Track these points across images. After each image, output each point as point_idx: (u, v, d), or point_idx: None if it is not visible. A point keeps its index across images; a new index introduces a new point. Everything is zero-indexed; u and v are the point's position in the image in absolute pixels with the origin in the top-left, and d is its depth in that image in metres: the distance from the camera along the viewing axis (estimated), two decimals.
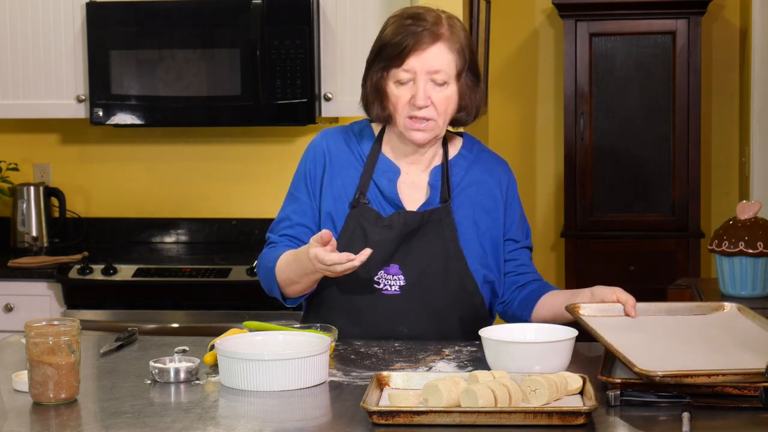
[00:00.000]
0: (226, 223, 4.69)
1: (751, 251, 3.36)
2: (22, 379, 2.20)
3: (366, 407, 1.95)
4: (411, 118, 2.56)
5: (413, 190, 2.66)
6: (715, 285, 3.53)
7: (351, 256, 2.41)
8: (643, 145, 5.19)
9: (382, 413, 1.94)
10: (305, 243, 2.59)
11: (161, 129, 4.66)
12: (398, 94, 2.56)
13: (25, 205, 4.63)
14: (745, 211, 3.42)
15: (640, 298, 2.48)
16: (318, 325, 2.51)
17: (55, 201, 4.69)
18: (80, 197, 4.76)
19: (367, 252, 2.42)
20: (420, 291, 2.60)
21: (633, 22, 5.15)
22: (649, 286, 5.00)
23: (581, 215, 5.21)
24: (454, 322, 2.61)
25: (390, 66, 2.56)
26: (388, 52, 2.56)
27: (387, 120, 2.63)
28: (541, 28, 5.56)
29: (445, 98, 2.56)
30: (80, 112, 4.37)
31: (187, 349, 2.37)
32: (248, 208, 4.66)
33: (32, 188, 4.64)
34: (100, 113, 4.30)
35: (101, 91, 4.29)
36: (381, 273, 2.60)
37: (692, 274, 5.02)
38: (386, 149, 2.69)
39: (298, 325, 2.53)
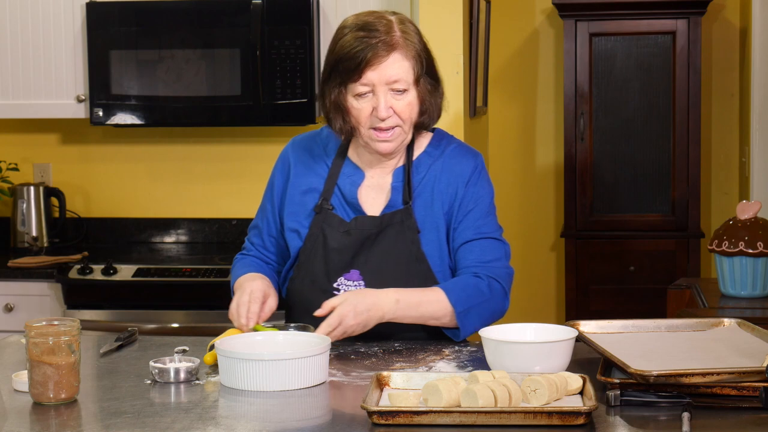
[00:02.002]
0: (226, 223, 4.69)
1: (751, 251, 3.36)
2: (22, 379, 2.20)
3: (366, 407, 1.95)
4: (375, 129, 2.54)
5: (377, 194, 2.64)
6: (715, 285, 3.53)
7: (245, 326, 2.49)
8: (643, 145, 5.19)
9: (382, 413, 1.94)
10: (271, 252, 2.74)
11: (161, 129, 4.66)
12: (359, 107, 2.53)
13: (25, 205, 4.63)
14: (745, 211, 3.42)
15: (640, 298, 2.49)
16: (293, 324, 2.52)
17: (55, 201, 4.69)
18: (80, 197, 4.76)
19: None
20: None
21: (633, 22, 5.15)
22: (649, 286, 5.01)
23: (581, 215, 5.21)
24: (418, 324, 2.55)
25: (347, 81, 2.52)
26: (343, 67, 2.52)
27: (351, 133, 2.60)
28: (541, 28, 5.56)
29: (407, 105, 2.53)
30: (80, 112, 4.37)
31: (187, 349, 2.37)
32: (248, 208, 4.65)
33: (32, 188, 4.64)
34: (100, 113, 4.30)
35: (101, 91, 4.29)
36: (341, 279, 2.60)
37: (692, 274, 5.02)
38: (352, 153, 2.68)
39: (269, 324, 2.54)
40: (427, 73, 2.56)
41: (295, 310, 2.68)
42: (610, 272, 5.10)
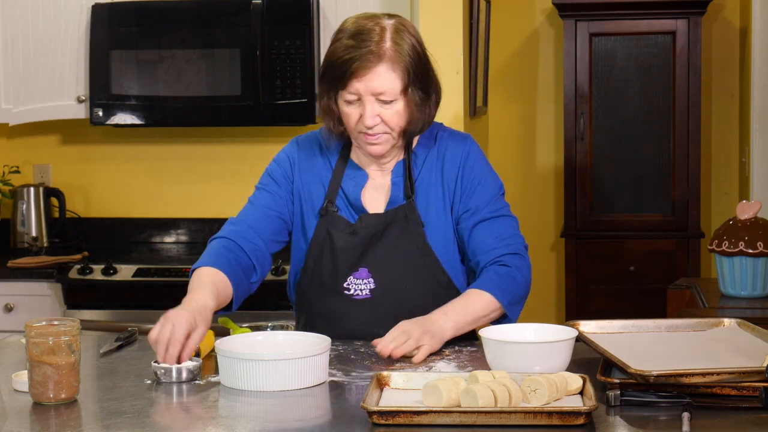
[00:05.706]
0: None
1: (751, 251, 3.36)
2: (22, 379, 2.20)
3: (366, 407, 1.95)
4: (364, 133, 2.55)
5: (379, 193, 2.65)
6: (715, 285, 3.53)
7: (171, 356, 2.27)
8: (643, 145, 5.19)
9: (382, 413, 1.94)
10: (258, 234, 2.62)
11: (161, 129, 4.66)
12: (348, 112, 2.55)
13: (24, 206, 4.63)
14: (745, 211, 3.42)
15: (640, 298, 2.48)
16: (270, 324, 2.53)
17: (54, 201, 4.69)
18: (80, 197, 4.77)
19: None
20: (390, 292, 2.59)
21: (633, 22, 5.15)
22: (649, 286, 5.01)
23: (581, 215, 5.21)
24: None
25: (336, 87, 2.55)
26: (332, 74, 2.54)
27: (343, 135, 2.63)
28: (541, 28, 5.56)
29: (394, 114, 2.54)
30: (80, 112, 4.37)
31: None
32: None
33: (32, 189, 4.64)
34: (100, 113, 4.30)
35: (101, 92, 4.29)
36: (350, 279, 2.61)
37: (692, 274, 5.02)
38: (354, 155, 2.69)
39: (246, 325, 2.54)
40: (419, 82, 2.55)
41: (306, 314, 2.68)
42: (610, 272, 5.10)
